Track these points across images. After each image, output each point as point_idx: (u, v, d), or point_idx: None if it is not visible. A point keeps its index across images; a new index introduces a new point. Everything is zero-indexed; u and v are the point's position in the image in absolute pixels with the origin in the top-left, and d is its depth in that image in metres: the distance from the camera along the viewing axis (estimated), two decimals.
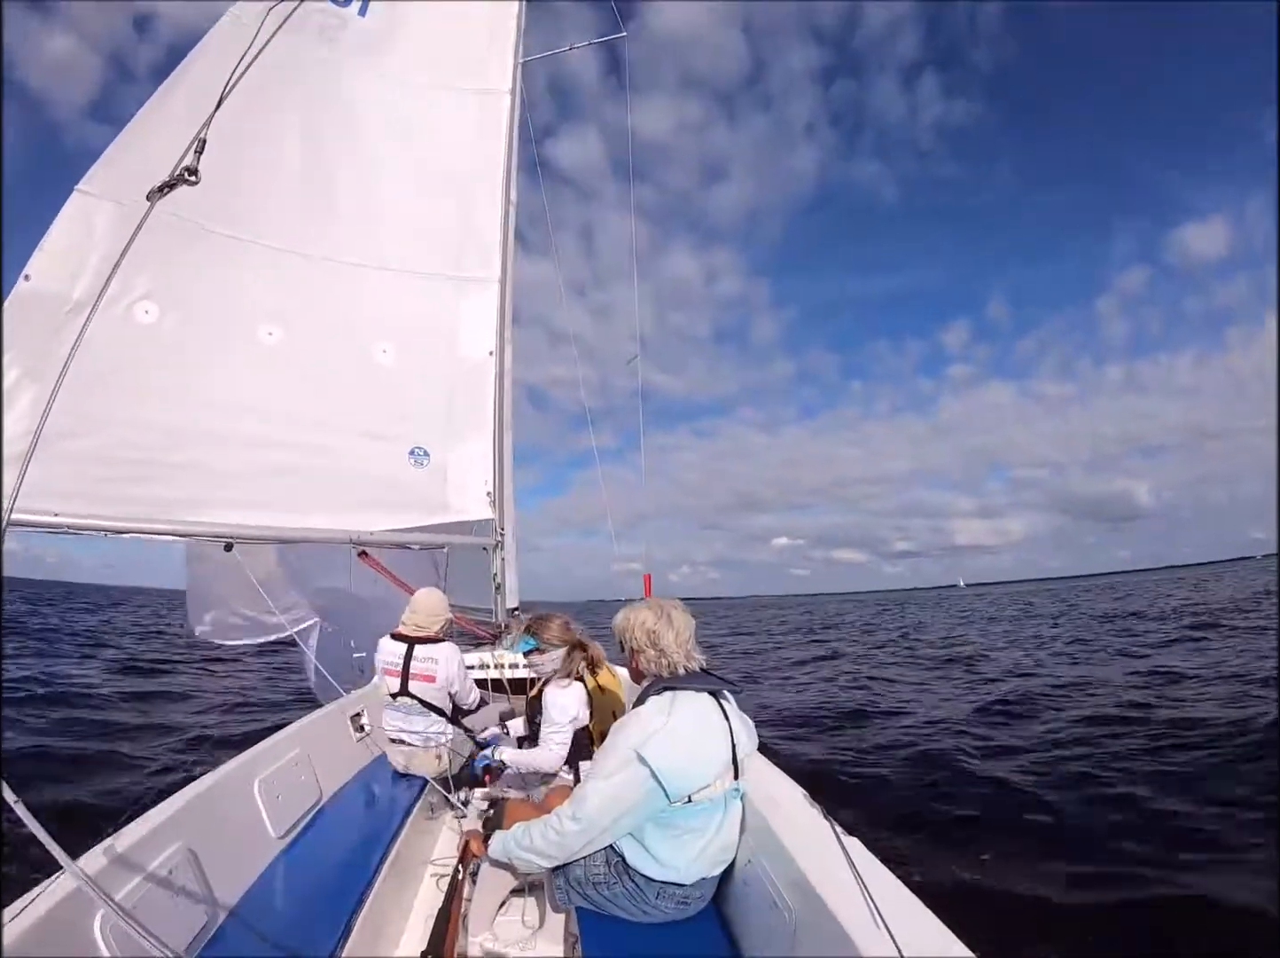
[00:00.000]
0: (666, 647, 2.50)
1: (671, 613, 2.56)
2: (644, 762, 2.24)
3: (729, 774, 2.43)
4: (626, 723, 2.41)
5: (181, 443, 4.07)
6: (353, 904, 2.69)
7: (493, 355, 5.34)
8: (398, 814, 3.56)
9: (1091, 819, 5.79)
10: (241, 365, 4.41)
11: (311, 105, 4.78)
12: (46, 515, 3.34)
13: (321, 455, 4.61)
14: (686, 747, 2.31)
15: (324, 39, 4.81)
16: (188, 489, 4.03)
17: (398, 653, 4.10)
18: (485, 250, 5.44)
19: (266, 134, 4.46)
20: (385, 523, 4.75)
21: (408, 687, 4.05)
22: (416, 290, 5.13)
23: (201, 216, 4.18)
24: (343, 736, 4.33)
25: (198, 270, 4.24)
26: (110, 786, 6.62)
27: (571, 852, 2.39)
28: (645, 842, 2.40)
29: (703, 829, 2.40)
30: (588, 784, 2.37)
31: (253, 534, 4.14)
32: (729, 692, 2.58)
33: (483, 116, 5.52)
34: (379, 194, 5.08)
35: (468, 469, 5.22)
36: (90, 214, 3.70)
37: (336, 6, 4.88)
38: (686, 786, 2.30)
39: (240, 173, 4.27)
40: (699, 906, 2.49)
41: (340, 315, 4.85)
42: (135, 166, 3.64)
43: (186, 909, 2.45)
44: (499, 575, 5.68)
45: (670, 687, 2.45)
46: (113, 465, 3.77)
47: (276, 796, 3.29)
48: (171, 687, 13.73)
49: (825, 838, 2.17)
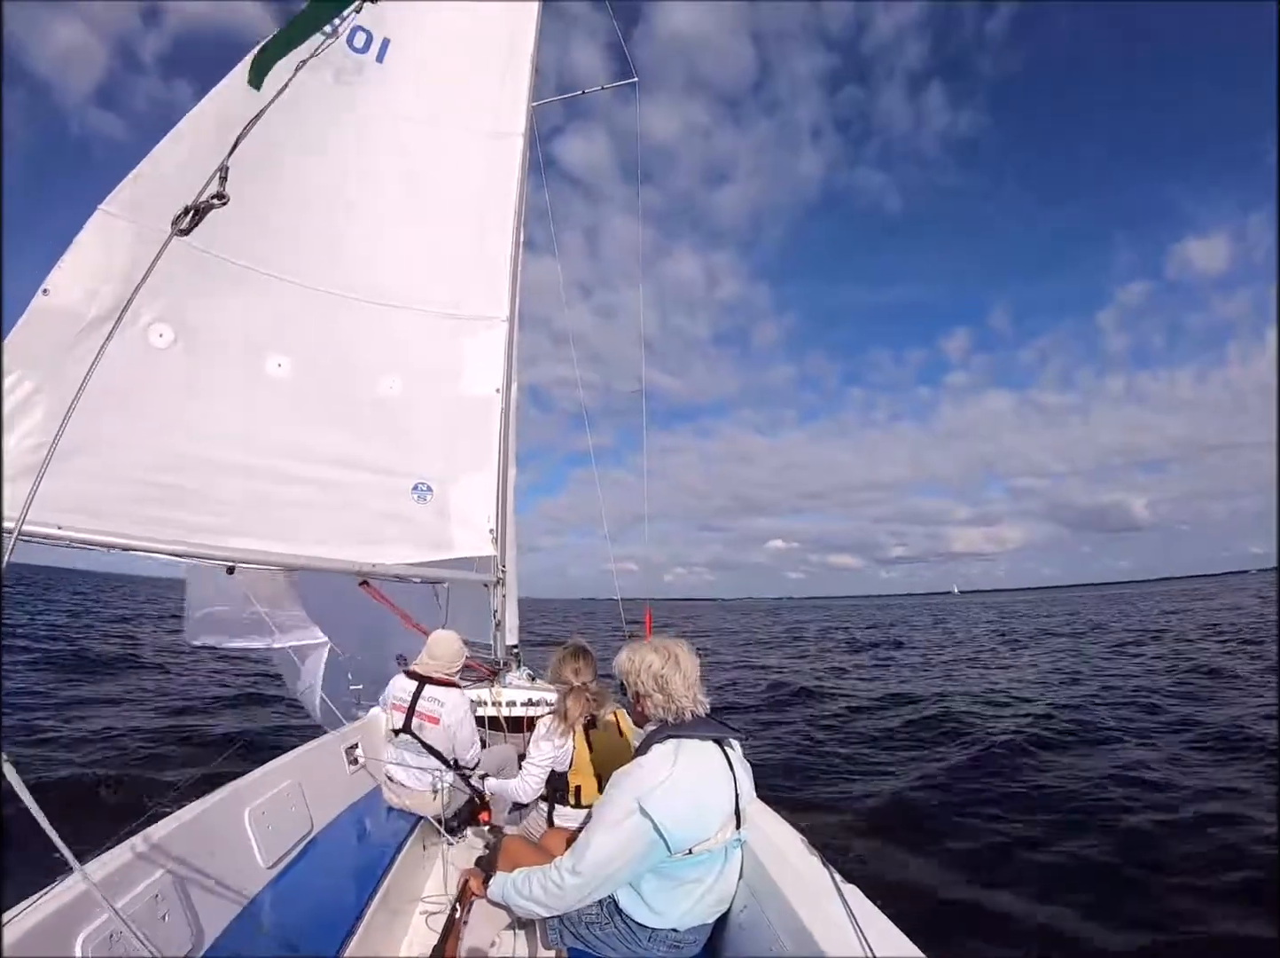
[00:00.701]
0: (674, 692, 2.41)
1: (678, 655, 2.47)
2: (646, 814, 2.17)
3: (731, 825, 2.36)
4: (629, 773, 2.32)
5: (187, 467, 4.10)
6: (341, 938, 2.64)
7: (499, 393, 5.39)
8: (390, 849, 3.50)
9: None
10: (249, 394, 4.46)
11: (326, 143, 4.90)
12: (50, 528, 3.35)
13: (325, 488, 4.63)
14: (690, 799, 2.24)
15: (340, 83, 4.95)
16: (191, 513, 4.05)
17: (408, 690, 4.06)
18: (494, 289, 5.51)
19: (281, 168, 4.56)
20: (387, 557, 4.75)
21: (410, 724, 4.01)
22: (424, 327, 5.20)
23: (215, 245, 4.26)
24: (337, 767, 4.27)
25: (210, 298, 4.31)
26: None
27: (569, 905, 2.32)
28: (641, 890, 2.35)
29: (701, 880, 2.35)
30: (589, 835, 2.29)
31: (255, 560, 4.14)
32: (734, 739, 2.50)
33: (493, 159, 5.65)
34: (390, 231, 5.18)
35: (470, 505, 5.23)
36: (111, 234, 3.77)
37: (355, 53, 5.03)
38: (689, 838, 2.24)
39: (254, 205, 4.36)
40: (692, 950, 2.43)
41: (348, 349, 4.91)
42: (157, 191, 3.74)
43: (171, 934, 2.40)
44: (499, 612, 5.65)
45: (675, 734, 2.37)
46: (118, 484, 3.79)
47: (267, 825, 3.24)
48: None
49: (824, 885, 2.15)
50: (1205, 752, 8.86)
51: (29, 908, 1.94)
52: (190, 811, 2.92)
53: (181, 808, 2.94)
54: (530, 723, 5.06)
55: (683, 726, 2.39)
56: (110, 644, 20.81)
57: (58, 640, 20.60)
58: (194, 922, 2.53)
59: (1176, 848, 5.76)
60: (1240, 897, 4.87)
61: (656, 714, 2.47)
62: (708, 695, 2.49)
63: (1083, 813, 6.74)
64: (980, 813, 6.93)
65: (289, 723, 9.96)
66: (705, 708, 2.45)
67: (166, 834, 2.66)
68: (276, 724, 10.40)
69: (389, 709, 4.13)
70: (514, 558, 6.12)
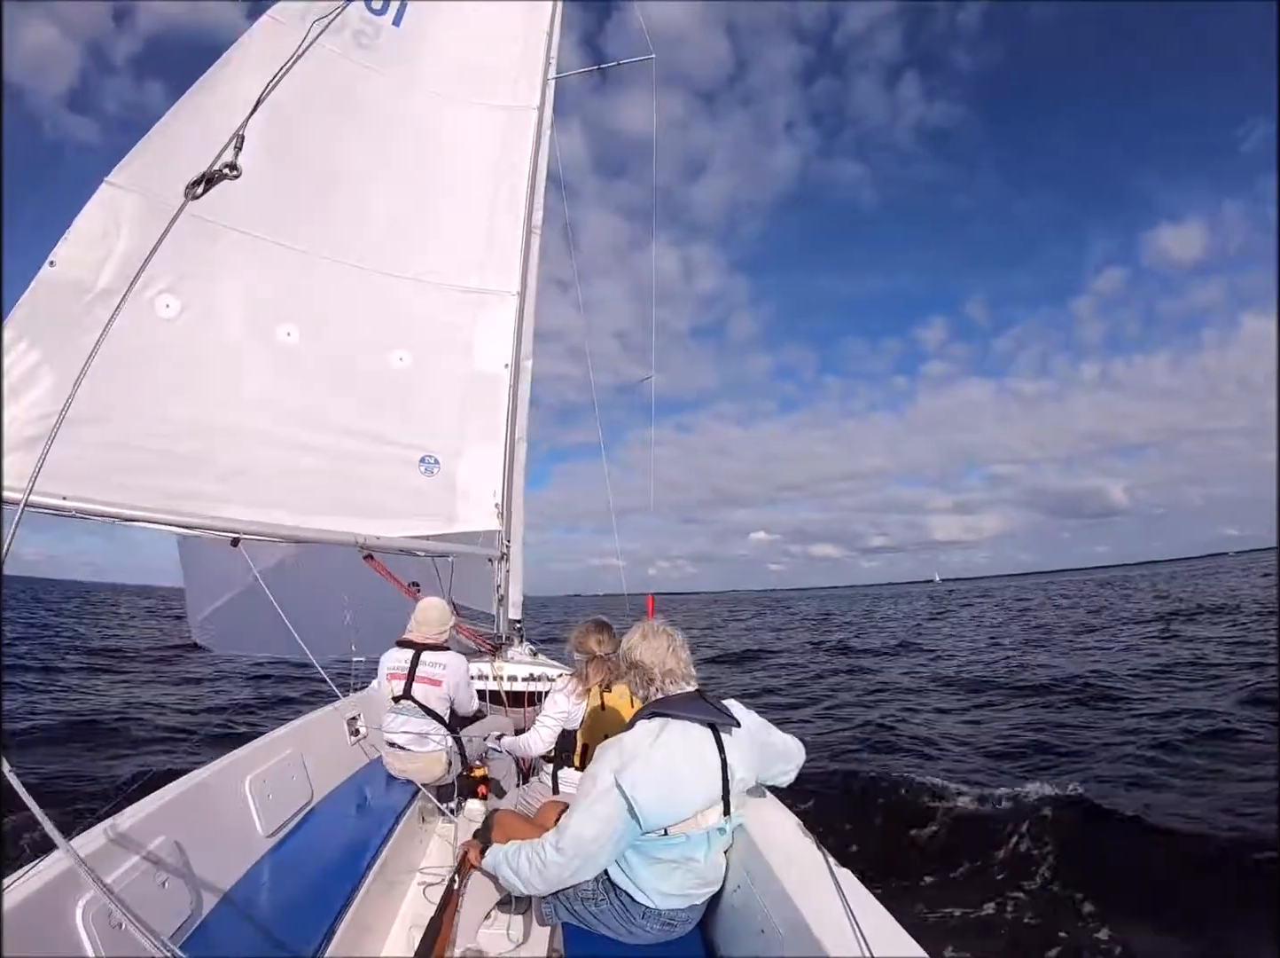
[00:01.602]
0: (642, 660, 2.47)
1: (646, 629, 2.55)
2: (620, 789, 2.20)
3: (715, 810, 2.35)
4: (610, 746, 2.35)
5: (194, 436, 4.10)
6: (338, 908, 2.67)
7: (508, 368, 5.36)
8: (388, 820, 3.54)
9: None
10: (258, 364, 4.44)
11: (340, 111, 4.83)
12: (55, 498, 3.35)
13: (333, 458, 4.63)
14: (664, 777, 2.25)
15: (358, 45, 4.86)
16: (197, 482, 4.05)
17: (404, 658, 4.10)
18: (505, 264, 5.46)
19: (293, 136, 4.51)
20: (392, 529, 4.75)
21: (411, 690, 4.05)
22: (436, 300, 5.16)
23: (225, 215, 4.21)
24: (338, 738, 4.31)
25: (218, 268, 4.28)
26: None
27: (552, 883, 2.34)
28: (627, 865, 2.38)
29: (680, 863, 2.35)
30: (570, 813, 2.32)
31: (259, 531, 4.14)
32: (734, 727, 2.45)
33: (509, 132, 5.57)
34: (403, 203, 5.12)
35: (477, 480, 5.23)
36: (118, 205, 3.74)
37: (373, 15, 4.94)
38: (661, 817, 2.25)
39: (265, 173, 4.30)
40: (685, 928, 2.45)
41: (359, 320, 4.88)
42: (166, 161, 3.69)
43: (170, 901, 2.43)
44: (502, 587, 5.66)
45: (663, 713, 2.38)
46: (125, 454, 3.80)
47: (268, 794, 3.27)
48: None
49: (818, 869, 2.14)
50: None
51: (22, 879, 1.95)
52: (191, 778, 2.95)
53: (183, 775, 2.97)
54: (531, 698, 5.08)
55: (671, 704, 2.40)
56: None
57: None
58: (193, 888, 2.56)
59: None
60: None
61: (636, 691, 2.54)
62: (693, 677, 2.51)
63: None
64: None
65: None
66: (687, 687, 2.46)
67: (168, 802, 2.70)
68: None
69: (387, 680, 4.17)
70: (520, 534, 6.13)
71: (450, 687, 4.11)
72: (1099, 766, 8.16)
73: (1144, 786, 7.36)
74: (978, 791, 7.07)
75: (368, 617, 4.42)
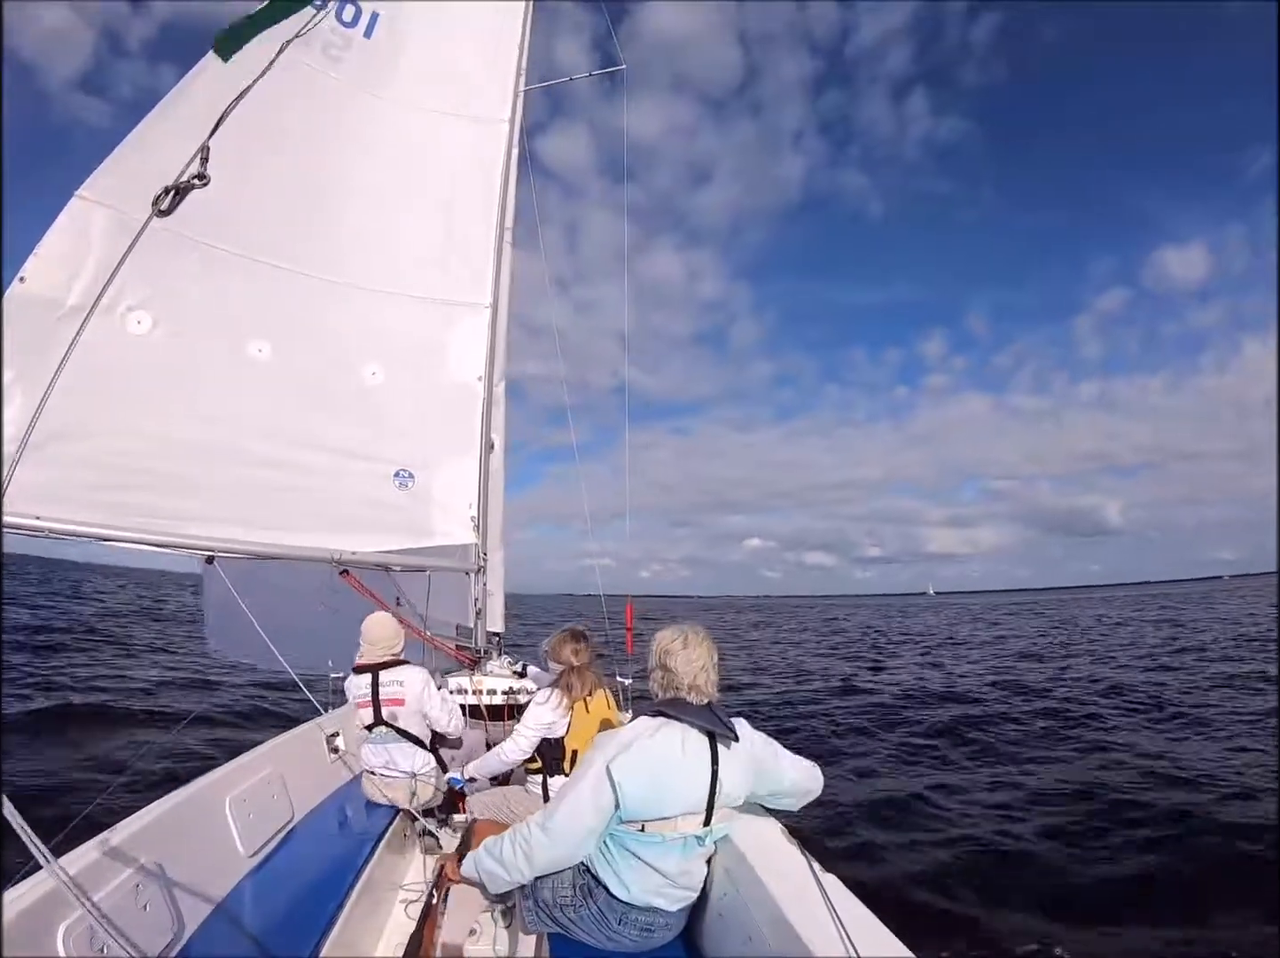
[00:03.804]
0: (676, 670, 2.44)
1: (690, 637, 2.50)
2: (610, 775, 2.26)
3: (696, 819, 2.36)
4: (609, 736, 2.42)
5: (167, 454, 4.03)
6: (322, 927, 2.65)
7: (481, 380, 5.35)
8: (370, 838, 3.51)
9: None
10: (230, 380, 4.38)
11: (311, 124, 4.80)
12: (29, 519, 3.29)
13: (307, 474, 4.58)
14: (652, 770, 2.29)
15: (328, 58, 4.84)
16: (172, 500, 3.98)
17: (364, 684, 4.05)
18: (477, 275, 5.44)
19: (262, 149, 4.46)
20: (368, 544, 4.71)
21: (380, 716, 4.00)
22: (408, 312, 5.13)
23: (194, 229, 4.16)
24: (317, 756, 4.27)
25: (190, 283, 4.22)
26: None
27: (538, 865, 2.36)
28: (609, 854, 2.40)
29: (654, 865, 2.36)
30: (560, 794, 2.39)
31: (234, 548, 4.09)
32: (731, 741, 2.45)
33: (479, 143, 5.56)
34: (373, 215, 5.09)
35: (453, 493, 5.20)
36: (88, 220, 3.68)
37: (344, 27, 4.93)
38: (640, 809, 2.28)
39: (234, 186, 4.23)
40: (665, 936, 2.47)
41: (330, 334, 4.84)
42: (136, 175, 3.65)
43: (151, 923, 2.40)
44: (479, 601, 5.64)
45: (665, 713, 2.41)
46: (98, 472, 3.73)
47: (248, 814, 3.24)
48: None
49: (802, 874, 2.16)
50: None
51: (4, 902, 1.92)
52: (170, 799, 2.92)
53: (162, 797, 2.93)
54: (511, 712, 5.06)
55: (677, 707, 2.42)
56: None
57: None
58: (175, 911, 2.54)
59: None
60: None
61: (656, 692, 2.53)
62: (716, 689, 2.47)
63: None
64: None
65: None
66: (707, 698, 2.45)
67: (147, 824, 2.66)
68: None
69: (356, 709, 4.12)
70: (498, 546, 6.11)
71: (414, 699, 4.04)
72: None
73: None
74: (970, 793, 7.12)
75: (350, 631, 4.37)
